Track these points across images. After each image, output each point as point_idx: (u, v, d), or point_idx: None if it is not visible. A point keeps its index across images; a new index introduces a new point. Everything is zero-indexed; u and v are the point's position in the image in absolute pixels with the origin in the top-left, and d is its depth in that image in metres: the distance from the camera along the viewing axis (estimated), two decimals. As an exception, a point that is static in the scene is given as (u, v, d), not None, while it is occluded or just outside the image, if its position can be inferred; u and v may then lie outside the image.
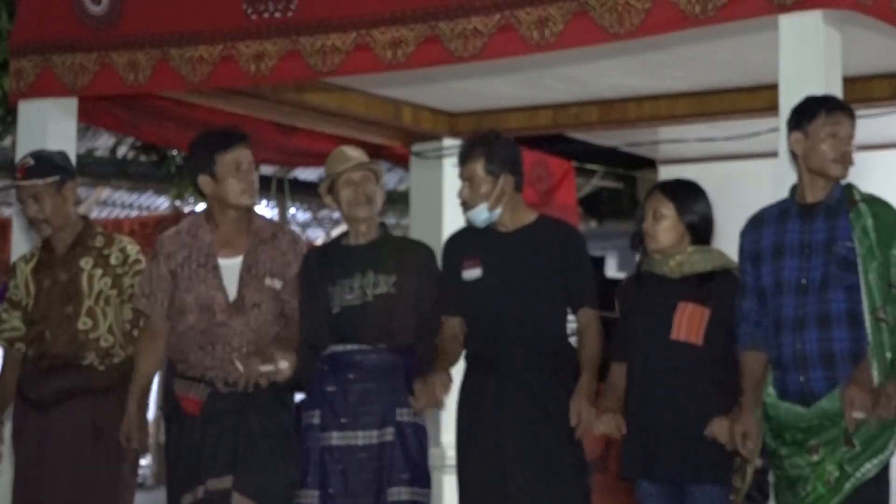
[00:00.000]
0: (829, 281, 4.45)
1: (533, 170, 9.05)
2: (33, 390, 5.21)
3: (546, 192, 9.25)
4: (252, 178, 5.04)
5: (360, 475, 4.87)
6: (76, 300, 5.22)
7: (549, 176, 9.28)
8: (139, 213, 13.45)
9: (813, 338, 4.45)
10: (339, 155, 5.11)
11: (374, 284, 4.95)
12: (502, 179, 4.97)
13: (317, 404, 4.97)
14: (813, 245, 4.51)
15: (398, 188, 13.36)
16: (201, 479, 4.88)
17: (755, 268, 4.61)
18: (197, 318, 4.96)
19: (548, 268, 4.93)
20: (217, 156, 4.99)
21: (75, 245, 5.29)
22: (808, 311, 4.47)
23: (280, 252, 5.06)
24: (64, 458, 5.15)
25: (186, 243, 5.05)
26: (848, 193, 4.57)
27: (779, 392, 4.53)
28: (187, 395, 4.96)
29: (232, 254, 5.03)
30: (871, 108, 6.80)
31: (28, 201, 5.25)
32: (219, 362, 4.92)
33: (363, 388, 4.91)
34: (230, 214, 5.04)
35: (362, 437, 4.89)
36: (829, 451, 4.42)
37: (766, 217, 4.66)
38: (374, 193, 5.04)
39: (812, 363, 4.45)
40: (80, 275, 5.25)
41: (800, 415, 4.46)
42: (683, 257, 4.80)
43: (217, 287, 4.98)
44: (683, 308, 4.72)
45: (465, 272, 5.00)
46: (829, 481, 4.40)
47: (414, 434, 4.95)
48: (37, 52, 6.58)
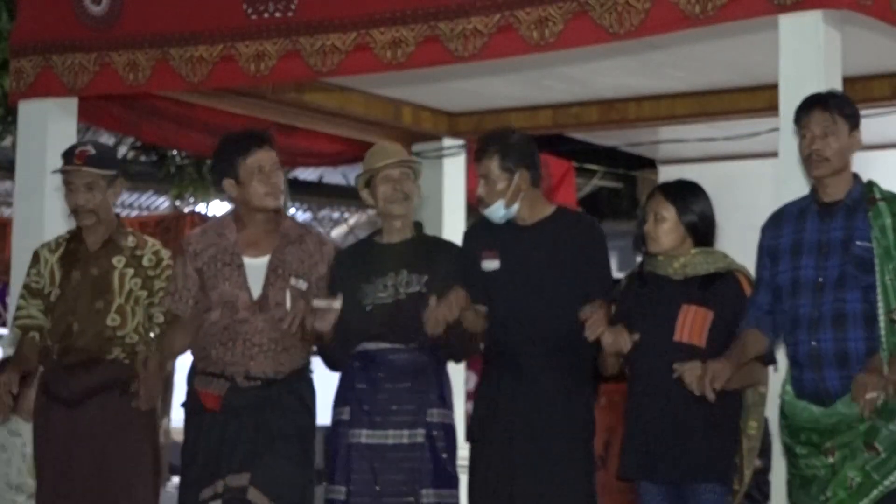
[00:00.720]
0: (846, 281, 4.43)
1: (533, 170, 9.05)
2: (62, 387, 5.20)
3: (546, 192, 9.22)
4: (275, 179, 5.03)
5: (389, 474, 4.85)
6: (107, 297, 5.23)
7: (548, 176, 9.27)
8: (139, 213, 13.44)
9: (828, 337, 4.43)
10: (379, 150, 5.08)
11: (406, 283, 4.94)
12: (518, 176, 4.97)
13: (346, 401, 4.95)
14: (830, 244, 4.48)
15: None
16: (221, 474, 4.89)
17: (773, 264, 4.59)
18: (220, 314, 4.98)
19: (566, 260, 4.93)
20: (239, 159, 5.00)
21: (108, 242, 5.30)
22: (823, 311, 4.44)
23: (307, 253, 5.07)
24: (93, 453, 5.15)
25: (213, 242, 5.07)
26: (868, 191, 4.52)
27: (796, 391, 4.51)
28: (207, 390, 4.98)
29: (258, 253, 5.03)
30: (871, 108, 6.79)
31: (80, 188, 5.24)
32: (239, 357, 4.94)
33: (394, 387, 4.90)
34: (256, 216, 5.06)
35: (392, 436, 4.88)
36: (848, 456, 4.39)
37: (787, 214, 4.63)
38: (411, 191, 5.02)
39: (827, 362, 4.43)
40: (112, 272, 5.26)
41: (815, 416, 4.44)
42: (687, 259, 4.80)
43: (241, 285, 4.99)
44: (687, 310, 4.72)
45: (483, 263, 4.99)
46: (850, 486, 4.36)
47: (443, 435, 4.92)
48: (37, 52, 6.58)
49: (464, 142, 8.28)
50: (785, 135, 5.04)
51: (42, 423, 5.28)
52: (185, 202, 12.14)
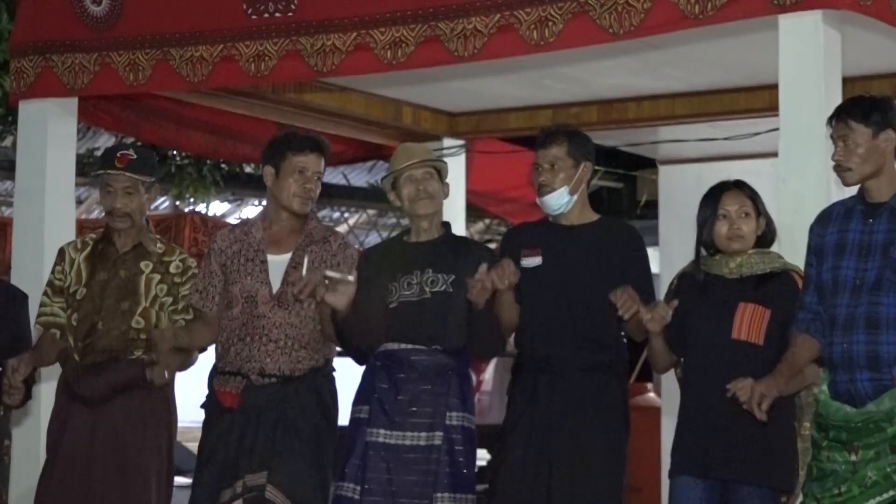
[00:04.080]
0: (882, 284, 4.39)
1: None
2: (84, 386, 5.21)
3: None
4: (311, 186, 5.08)
5: (405, 475, 4.84)
6: (133, 299, 5.25)
7: (549, 176, 9.27)
8: (139, 213, 13.42)
9: (861, 339, 4.40)
10: (402, 151, 5.12)
11: (432, 282, 4.95)
12: (583, 166, 4.98)
13: (367, 400, 4.95)
14: (872, 246, 4.45)
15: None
16: (240, 474, 4.92)
17: (819, 263, 4.57)
18: (241, 309, 5.03)
19: (609, 263, 4.92)
20: (288, 152, 5.07)
21: (137, 246, 5.32)
22: (858, 313, 4.42)
23: (329, 254, 5.10)
24: (115, 453, 5.16)
25: (239, 239, 5.13)
26: None
27: (831, 393, 4.50)
28: (224, 388, 5.02)
29: (281, 251, 5.09)
30: (871, 108, 6.79)
31: (119, 192, 5.24)
32: (256, 353, 4.97)
33: (415, 388, 4.89)
34: (283, 216, 5.11)
35: (410, 437, 4.87)
36: (873, 458, 4.38)
37: (834, 214, 4.60)
38: (436, 190, 5.05)
39: (859, 365, 4.41)
40: (139, 276, 5.27)
41: (849, 416, 4.42)
42: (743, 258, 4.78)
43: (263, 280, 5.03)
44: (744, 308, 4.71)
45: (524, 260, 4.96)
46: (865, 485, 4.36)
47: (462, 439, 4.90)
48: (37, 52, 6.58)
49: (464, 142, 8.29)
50: (785, 135, 5.04)
51: (61, 422, 5.28)
52: (185, 202, 12.15)
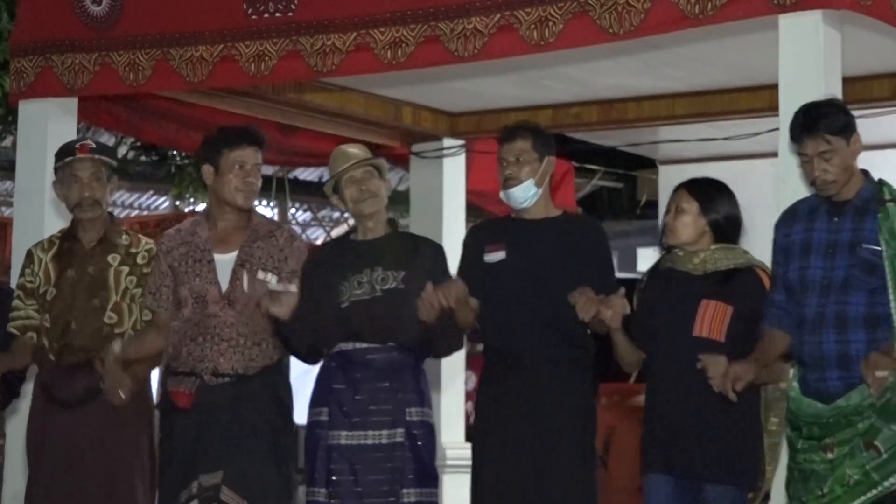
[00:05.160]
0: (851, 283, 4.42)
1: (533, 170, 9.03)
2: (62, 389, 5.21)
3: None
4: (252, 180, 5.08)
5: (370, 475, 4.87)
6: (103, 294, 5.25)
7: (549, 176, 9.27)
8: (139, 213, 13.44)
9: (831, 339, 4.44)
10: (339, 154, 5.13)
11: (382, 280, 4.96)
12: (547, 160, 5.06)
13: (325, 402, 4.97)
14: (839, 245, 4.47)
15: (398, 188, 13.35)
16: (195, 475, 4.92)
17: (786, 261, 4.60)
18: (191, 310, 5.03)
19: (571, 257, 4.97)
20: (224, 149, 5.06)
21: (102, 240, 5.31)
22: (827, 312, 4.45)
23: (277, 248, 5.10)
24: (95, 455, 5.16)
25: (185, 240, 5.13)
26: (878, 192, 4.51)
27: (801, 389, 4.53)
28: (178, 388, 5.01)
29: (228, 249, 5.08)
30: (871, 108, 6.79)
31: (86, 179, 5.25)
32: (209, 353, 4.97)
33: (373, 387, 4.91)
34: (227, 212, 5.11)
35: (372, 436, 4.90)
36: (848, 454, 4.40)
37: (799, 211, 4.63)
38: (378, 189, 5.05)
39: (829, 363, 4.44)
40: (108, 270, 5.28)
41: (818, 410, 4.45)
42: (707, 255, 4.82)
43: (211, 280, 5.04)
44: (706, 305, 4.74)
45: (487, 255, 5.04)
46: (847, 483, 4.38)
47: (423, 434, 4.95)
48: (37, 52, 6.58)
49: (464, 142, 8.28)
50: (785, 135, 5.03)
51: (39, 425, 5.28)
52: (185, 202, 12.14)
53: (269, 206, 12.76)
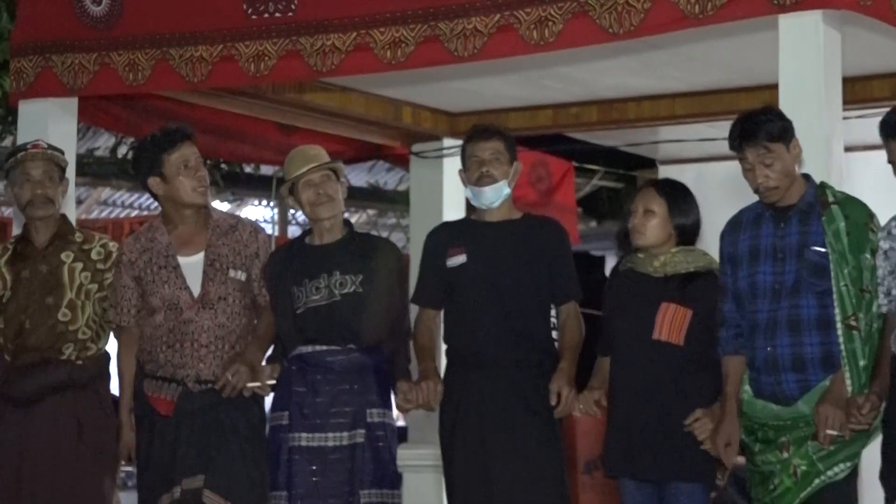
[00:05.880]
0: (801, 286, 4.47)
1: (533, 170, 9.05)
2: (15, 387, 5.20)
3: (546, 192, 9.25)
4: (202, 174, 5.06)
5: (331, 476, 4.87)
6: (57, 292, 5.23)
7: (548, 176, 9.29)
8: (139, 213, 13.45)
9: (785, 342, 4.49)
10: (297, 156, 5.11)
11: (340, 284, 4.96)
12: (516, 164, 5.11)
13: (285, 405, 4.98)
14: (786, 249, 4.53)
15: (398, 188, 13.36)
16: (176, 480, 4.89)
17: (733, 271, 4.63)
18: (164, 317, 4.99)
19: (532, 259, 4.98)
20: (164, 156, 5.02)
21: (55, 238, 5.30)
22: (779, 316, 4.49)
23: (241, 243, 5.08)
24: (47, 454, 5.15)
25: (147, 247, 5.08)
26: (821, 195, 4.56)
27: (754, 391, 4.57)
28: (159, 395, 4.99)
29: (192, 251, 5.05)
30: (871, 108, 6.78)
31: (38, 175, 5.23)
32: (188, 360, 4.95)
33: (333, 389, 4.92)
34: (185, 213, 5.08)
35: (332, 438, 4.91)
36: (797, 447, 4.46)
37: (744, 220, 4.68)
38: (335, 192, 5.04)
39: (784, 367, 4.49)
40: (61, 267, 5.26)
41: (775, 412, 4.50)
42: (667, 257, 4.81)
43: (180, 286, 5.00)
44: (666, 308, 4.74)
45: (449, 260, 5.04)
46: (794, 474, 4.45)
47: (384, 435, 4.96)
48: (37, 52, 6.57)
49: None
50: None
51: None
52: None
53: (269, 206, 12.76)
